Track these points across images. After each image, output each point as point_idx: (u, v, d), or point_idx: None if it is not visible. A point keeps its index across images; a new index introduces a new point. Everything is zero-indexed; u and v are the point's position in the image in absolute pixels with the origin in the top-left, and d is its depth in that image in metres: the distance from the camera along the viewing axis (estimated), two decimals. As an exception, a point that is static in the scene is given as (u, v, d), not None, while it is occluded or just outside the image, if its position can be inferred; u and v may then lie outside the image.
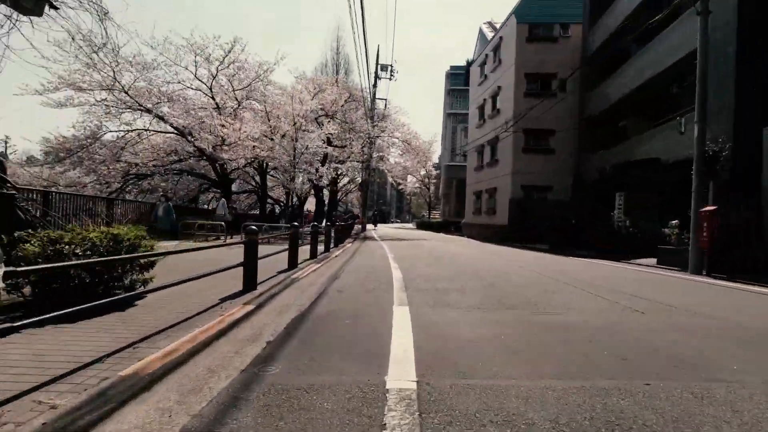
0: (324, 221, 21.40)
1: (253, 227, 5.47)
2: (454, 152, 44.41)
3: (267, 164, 22.00)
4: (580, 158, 20.85)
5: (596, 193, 17.45)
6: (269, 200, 30.94)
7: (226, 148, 18.44)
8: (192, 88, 20.72)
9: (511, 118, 21.55)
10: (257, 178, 23.60)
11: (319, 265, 8.42)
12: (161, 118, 19.29)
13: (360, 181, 31.70)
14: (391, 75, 32.38)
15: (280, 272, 6.82)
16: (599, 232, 13.88)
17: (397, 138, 23.86)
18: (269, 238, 12.43)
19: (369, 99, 23.29)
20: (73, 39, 6.36)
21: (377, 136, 24.20)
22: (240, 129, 18.12)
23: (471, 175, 29.49)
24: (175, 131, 19.51)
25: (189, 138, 18.57)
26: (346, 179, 41.68)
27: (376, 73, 25.57)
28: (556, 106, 20.36)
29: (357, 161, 26.16)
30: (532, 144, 21.87)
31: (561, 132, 21.40)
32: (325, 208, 26.94)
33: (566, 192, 21.27)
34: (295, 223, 9.06)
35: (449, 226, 36.28)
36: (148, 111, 18.66)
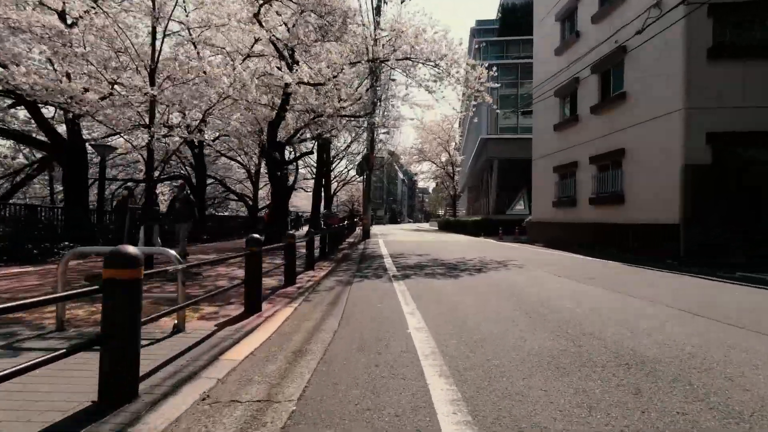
0: (299, 225, 9.92)
1: None
2: (495, 118, 32.55)
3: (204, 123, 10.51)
4: None
5: None
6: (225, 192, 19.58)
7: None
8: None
9: (683, -17, 9.63)
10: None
11: None
12: None
13: (359, 161, 19.89)
14: (403, -9, 20.63)
15: None
16: None
17: (430, 60, 12.00)
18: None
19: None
20: None
21: (383, 61, 12.46)
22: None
23: (544, 141, 17.63)
24: None
25: None
26: (342, 164, 30.08)
27: None
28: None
29: (351, 116, 14.46)
30: (731, 38, 9.97)
31: (803, 7, 9.44)
32: (281, 202, 15.31)
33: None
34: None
35: (494, 226, 24.26)
36: None
